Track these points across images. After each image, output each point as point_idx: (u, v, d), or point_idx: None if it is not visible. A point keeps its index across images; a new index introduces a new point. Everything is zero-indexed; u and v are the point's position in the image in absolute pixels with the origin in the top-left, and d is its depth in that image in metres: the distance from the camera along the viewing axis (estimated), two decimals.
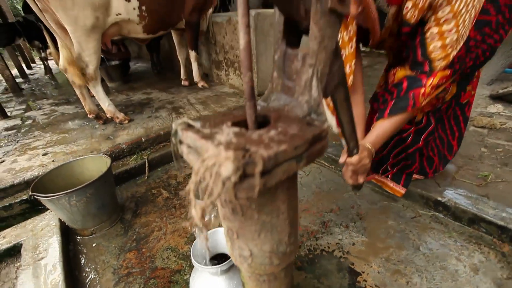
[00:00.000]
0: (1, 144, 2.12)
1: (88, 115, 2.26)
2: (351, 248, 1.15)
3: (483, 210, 1.15)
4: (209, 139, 0.34)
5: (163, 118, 2.31)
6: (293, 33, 0.43)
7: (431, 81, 0.86)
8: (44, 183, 1.33)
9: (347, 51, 0.98)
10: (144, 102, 2.81)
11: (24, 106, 3.20)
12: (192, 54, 2.83)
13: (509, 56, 2.52)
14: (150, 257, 1.21)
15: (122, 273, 1.15)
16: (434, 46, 0.83)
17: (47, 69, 5.32)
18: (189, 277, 1.00)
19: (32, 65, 7.48)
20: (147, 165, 1.86)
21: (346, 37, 0.96)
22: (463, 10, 0.76)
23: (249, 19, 0.35)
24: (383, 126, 0.95)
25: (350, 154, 0.82)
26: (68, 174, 1.47)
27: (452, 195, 1.25)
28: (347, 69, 1.01)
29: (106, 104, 2.16)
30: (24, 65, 6.32)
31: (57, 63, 2.16)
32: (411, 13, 0.81)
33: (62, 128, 2.32)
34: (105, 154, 1.82)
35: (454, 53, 0.83)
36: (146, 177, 1.84)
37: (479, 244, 1.12)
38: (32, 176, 1.59)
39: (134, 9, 2.05)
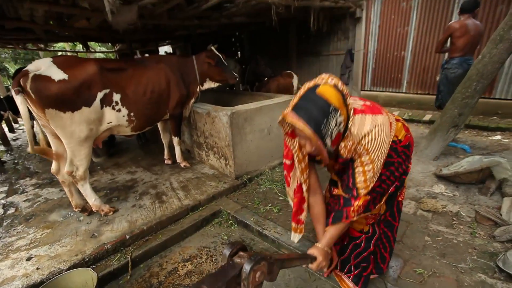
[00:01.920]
0: None
1: (74, 209, 2.39)
2: None
3: None
4: None
5: (147, 208, 2.48)
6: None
7: (357, 202, 1.18)
8: None
9: (302, 165, 1.30)
10: (128, 185, 2.98)
11: (6, 188, 3.25)
12: (175, 139, 3.13)
13: (445, 139, 3.01)
14: None
15: None
16: (360, 180, 1.17)
17: None
18: None
19: (15, 125, 7.52)
20: (130, 264, 1.97)
21: (301, 156, 1.28)
22: (376, 159, 1.12)
23: None
24: (331, 231, 1.27)
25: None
26: None
27: None
28: (305, 176, 1.32)
29: (93, 200, 2.32)
30: (6, 128, 6.37)
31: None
32: (343, 151, 1.16)
33: (46, 221, 2.40)
34: (90, 258, 1.94)
35: (372, 185, 1.17)
36: (128, 277, 1.94)
37: None
38: None
39: (123, 116, 2.35)
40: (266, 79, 4.60)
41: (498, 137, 4.33)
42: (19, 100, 1.92)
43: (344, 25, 4.85)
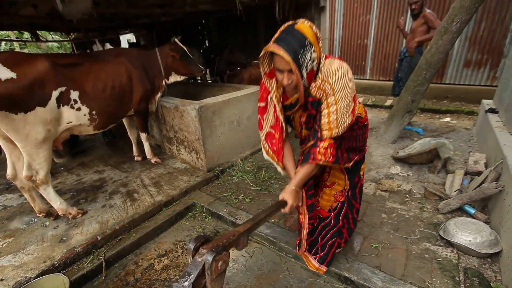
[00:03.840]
0: None
1: (38, 215, 2.28)
2: None
3: (374, 283, 1.57)
4: None
5: (118, 207, 2.44)
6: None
7: (323, 144, 1.31)
8: None
9: (280, 106, 1.43)
10: (96, 185, 2.88)
11: None
12: (143, 135, 3.05)
13: (401, 124, 3.28)
14: None
15: None
16: (324, 122, 1.30)
17: None
18: None
19: None
20: (103, 265, 1.96)
21: (278, 95, 1.41)
22: (340, 100, 1.25)
23: None
24: (300, 172, 1.38)
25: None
26: None
27: (355, 271, 1.66)
28: (282, 115, 1.44)
29: (58, 203, 2.23)
30: None
31: None
32: (313, 90, 1.29)
33: (7, 229, 2.27)
34: (60, 263, 1.89)
35: (335, 129, 1.28)
36: (103, 277, 1.94)
37: None
38: None
39: (84, 115, 2.25)
40: (238, 68, 4.55)
41: (447, 119, 4.80)
42: None
43: (310, 14, 4.91)
